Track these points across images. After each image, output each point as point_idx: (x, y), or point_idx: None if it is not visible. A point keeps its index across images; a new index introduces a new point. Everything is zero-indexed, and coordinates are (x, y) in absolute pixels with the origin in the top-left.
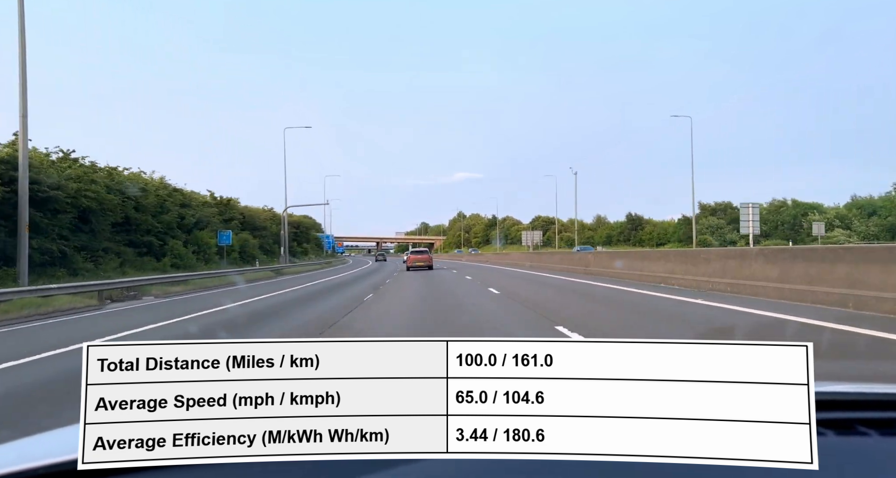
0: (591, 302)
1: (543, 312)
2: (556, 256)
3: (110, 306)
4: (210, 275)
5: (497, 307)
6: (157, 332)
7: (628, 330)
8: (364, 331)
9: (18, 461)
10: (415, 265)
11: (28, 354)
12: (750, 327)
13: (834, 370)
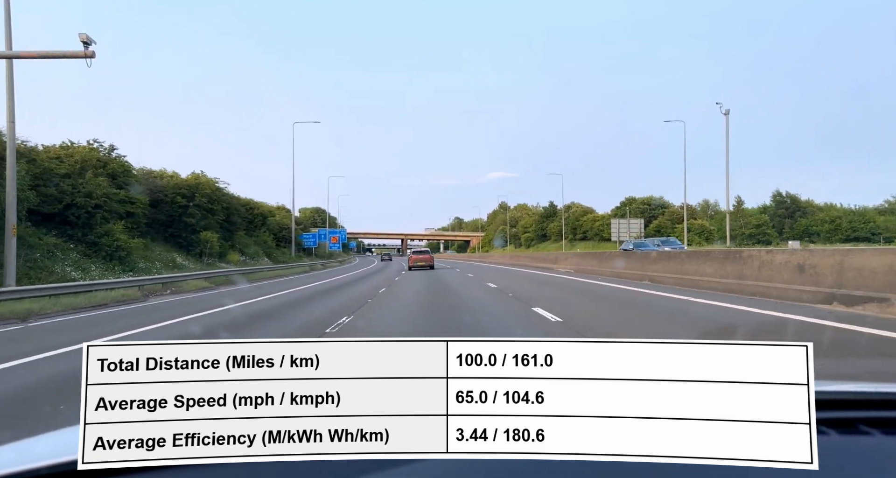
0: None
1: None
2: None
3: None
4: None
5: None
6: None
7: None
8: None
9: (19, 462)
10: (416, 265)
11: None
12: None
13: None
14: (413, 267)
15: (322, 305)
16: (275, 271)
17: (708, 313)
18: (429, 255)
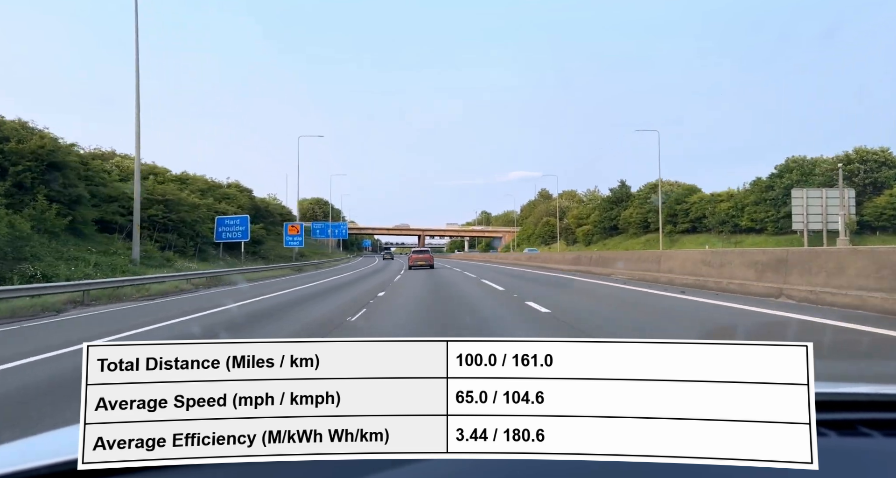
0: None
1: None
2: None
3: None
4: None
5: None
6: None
7: None
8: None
9: (19, 461)
10: (416, 264)
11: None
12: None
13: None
14: (413, 266)
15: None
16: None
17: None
18: (428, 254)
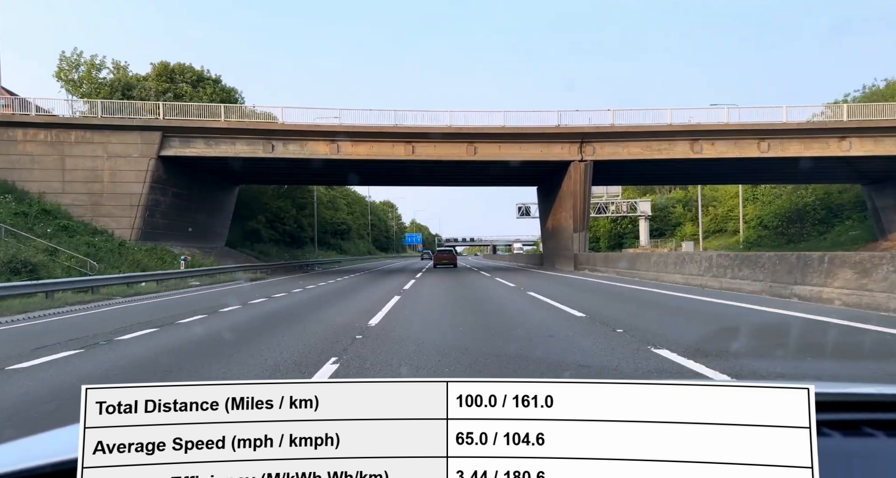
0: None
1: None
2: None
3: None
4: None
5: None
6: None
7: None
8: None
9: (19, 461)
10: (441, 263)
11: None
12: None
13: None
14: (438, 264)
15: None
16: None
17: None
18: (452, 254)
